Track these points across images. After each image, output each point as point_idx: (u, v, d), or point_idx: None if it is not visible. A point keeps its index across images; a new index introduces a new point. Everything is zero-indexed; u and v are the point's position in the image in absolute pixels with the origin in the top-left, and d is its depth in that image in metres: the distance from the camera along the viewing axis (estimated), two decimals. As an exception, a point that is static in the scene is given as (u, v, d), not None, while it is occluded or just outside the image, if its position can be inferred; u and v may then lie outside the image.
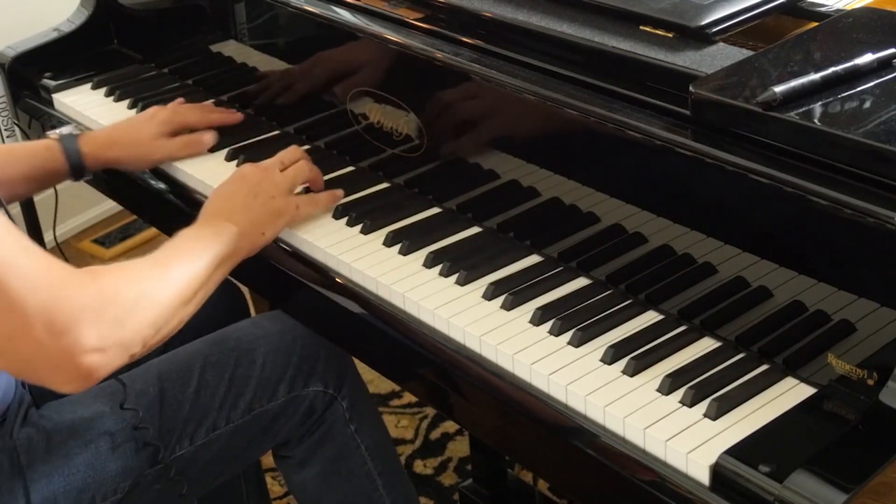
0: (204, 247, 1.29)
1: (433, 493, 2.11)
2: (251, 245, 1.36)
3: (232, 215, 1.35)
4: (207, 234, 1.31)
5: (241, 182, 1.41)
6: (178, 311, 1.21)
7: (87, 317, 1.08)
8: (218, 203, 1.39)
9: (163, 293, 1.19)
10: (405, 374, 1.39)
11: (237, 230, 1.33)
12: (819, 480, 0.95)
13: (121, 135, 1.62)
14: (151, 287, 1.18)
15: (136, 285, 1.16)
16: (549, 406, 1.14)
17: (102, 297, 1.11)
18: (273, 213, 1.39)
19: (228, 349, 1.43)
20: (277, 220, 1.40)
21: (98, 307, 1.10)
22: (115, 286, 1.14)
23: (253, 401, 1.42)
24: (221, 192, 1.41)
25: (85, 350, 1.08)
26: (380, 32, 1.48)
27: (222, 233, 1.32)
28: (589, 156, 1.29)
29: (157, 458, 1.35)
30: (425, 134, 1.45)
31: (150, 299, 1.17)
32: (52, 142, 1.58)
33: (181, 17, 1.89)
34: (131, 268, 1.20)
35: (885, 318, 1.04)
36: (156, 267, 1.22)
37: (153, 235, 2.99)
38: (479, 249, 1.36)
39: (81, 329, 1.07)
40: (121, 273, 1.17)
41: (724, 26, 1.27)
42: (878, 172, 1.03)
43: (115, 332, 1.11)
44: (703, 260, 1.20)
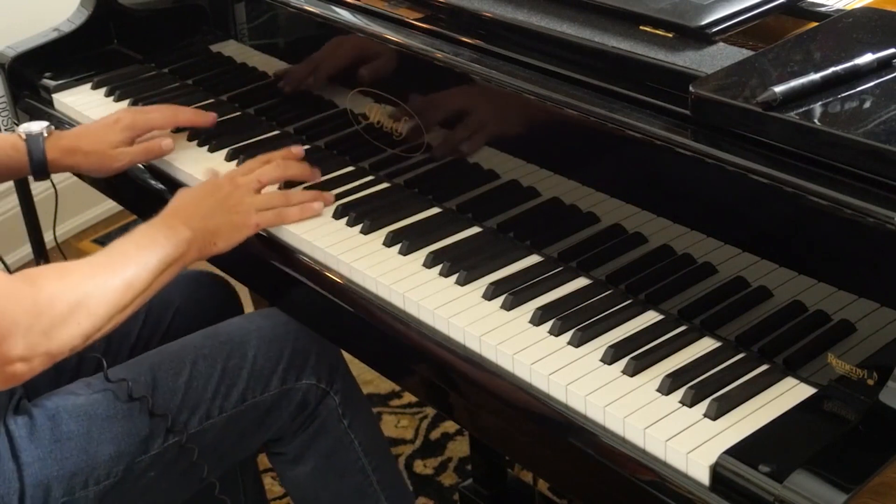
0: (153, 250, 1.30)
1: (433, 493, 2.11)
2: (200, 253, 1.38)
3: (190, 219, 1.37)
4: (160, 236, 1.33)
5: (211, 190, 1.43)
6: (112, 318, 1.24)
7: (18, 330, 1.12)
8: (181, 204, 1.41)
9: (100, 303, 1.21)
10: (405, 373, 1.39)
11: (189, 235, 1.34)
12: (819, 480, 0.95)
13: (83, 143, 1.62)
14: (90, 296, 1.20)
15: (73, 294, 1.18)
16: (549, 406, 1.14)
17: (36, 308, 1.14)
18: (231, 227, 1.40)
19: (220, 342, 1.45)
20: (234, 233, 1.41)
21: (29, 320, 1.13)
22: (51, 296, 1.16)
23: (245, 391, 1.43)
24: (188, 195, 1.43)
25: (10, 360, 1.13)
26: (380, 32, 1.48)
27: (174, 236, 1.33)
28: (589, 156, 1.29)
29: (151, 445, 1.36)
30: (425, 134, 1.45)
31: (86, 310, 1.19)
32: (18, 140, 1.58)
33: (181, 17, 1.89)
34: (72, 273, 1.21)
35: (885, 318, 1.04)
36: (98, 273, 1.24)
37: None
38: (479, 249, 1.36)
39: (10, 341, 1.12)
40: (60, 280, 1.19)
41: (724, 26, 1.27)
42: (878, 172, 1.03)
43: (43, 344, 1.15)
44: (703, 260, 1.20)
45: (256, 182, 1.45)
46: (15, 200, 2.17)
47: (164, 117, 1.65)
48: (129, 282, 1.26)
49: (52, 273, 1.20)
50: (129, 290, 1.25)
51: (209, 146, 1.66)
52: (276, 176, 1.48)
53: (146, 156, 1.63)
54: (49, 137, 1.60)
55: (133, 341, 1.59)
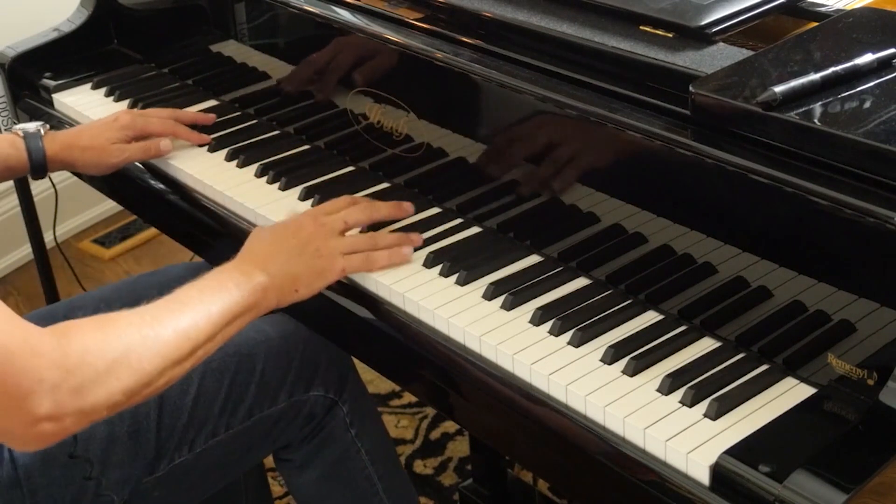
0: (219, 297, 1.20)
1: (433, 493, 2.11)
2: (280, 300, 1.28)
3: (268, 264, 1.27)
4: (229, 282, 1.22)
5: (294, 231, 1.32)
6: (164, 372, 1.13)
7: (43, 387, 1.03)
8: (260, 245, 1.31)
9: (146, 356, 1.10)
10: (405, 374, 1.39)
11: (266, 281, 1.25)
12: (819, 480, 0.95)
13: (81, 138, 1.62)
14: (132, 350, 1.09)
15: (113, 348, 1.08)
16: (548, 406, 1.14)
17: (66, 364, 1.04)
18: (314, 272, 1.30)
19: (228, 354, 1.40)
20: (316, 280, 1.30)
21: (57, 376, 1.03)
22: (85, 351, 1.06)
23: (253, 407, 1.41)
24: (268, 235, 1.33)
25: (37, 420, 1.03)
26: (380, 32, 1.48)
27: (247, 282, 1.23)
28: (589, 156, 1.29)
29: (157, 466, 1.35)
30: (425, 134, 1.45)
31: (128, 364, 1.09)
32: (16, 138, 1.58)
33: (181, 17, 1.89)
34: (114, 323, 1.11)
35: (885, 318, 1.04)
36: (146, 322, 1.13)
37: (153, 235, 2.99)
38: (479, 249, 1.36)
39: (35, 399, 1.02)
40: (98, 332, 1.09)
41: (724, 26, 1.27)
42: (878, 172, 1.03)
43: (73, 402, 1.05)
44: (703, 260, 1.20)
45: (342, 223, 1.35)
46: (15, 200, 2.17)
47: (163, 126, 1.64)
48: (184, 332, 1.14)
49: (90, 325, 1.10)
50: (183, 341, 1.14)
51: (209, 146, 1.66)
52: (363, 218, 1.38)
53: (144, 154, 1.62)
54: (46, 135, 1.60)
55: None
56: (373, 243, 1.35)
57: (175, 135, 1.64)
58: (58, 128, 1.83)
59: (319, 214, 1.36)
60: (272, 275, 1.26)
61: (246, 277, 1.24)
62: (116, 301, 1.54)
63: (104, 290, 1.59)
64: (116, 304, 1.52)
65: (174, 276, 1.59)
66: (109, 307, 1.51)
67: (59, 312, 1.52)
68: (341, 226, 1.35)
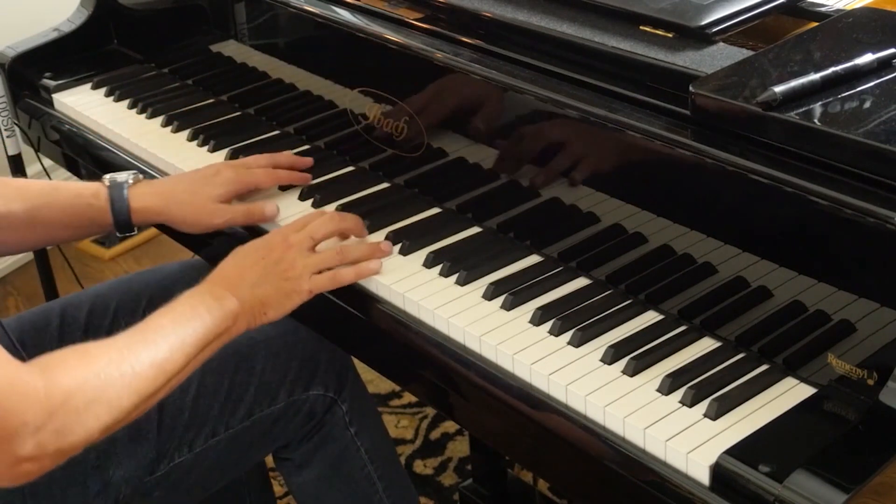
0: (192, 325, 1.19)
1: (433, 493, 2.11)
2: (249, 323, 1.27)
3: (238, 288, 1.25)
4: (201, 308, 1.21)
5: (262, 251, 1.30)
6: (139, 406, 1.13)
7: (27, 430, 1.03)
8: (230, 268, 1.29)
9: (124, 393, 1.10)
10: (405, 374, 1.39)
11: (236, 307, 1.24)
12: (819, 480, 0.95)
13: (177, 193, 1.46)
14: (111, 386, 1.09)
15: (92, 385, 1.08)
16: (548, 406, 1.14)
17: (49, 405, 1.04)
18: (282, 294, 1.28)
19: (228, 354, 1.38)
20: (285, 302, 1.29)
21: (40, 419, 1.03)
22: (67, 390, 1.06)
23: (253, 406, 1.41)
24: (238, 257, 1.30)
25: (18, 460, 1.04)
26: (380, 32, 1.48)
27: (219, 307, 1.22)
28: (589, 156, 1.29)
29: (158, 466, 1.35)
30: (425, 134, 1.45)
31: (107, 403, 1.09)
32: (100, 188, 1.43)
33: (181, 17, 1.89)
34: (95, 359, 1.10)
35: (885, 318, 1.04)
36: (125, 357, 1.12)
37: (153, 235, 2.99)
38: (479, 249, 1.36)
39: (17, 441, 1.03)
40: (78, 368, 1.08)
41: (724, 26, 1.28)
42: (878, 172, 1.03)
43: (54, 443, 1.05)
44: (703, 260, 1.20)
45: (309, 239, 1.31)
46: (15, 200, 2.16)
47: (267, 178, 1.50)
48: (160, 365, 1.14)
49: (71, 361, 1.09)
50: (159, 374, 1.14)
51: (209, 146, 1.66)
52: (329, 230, 1.34)
53: (247, 220, 1.47)
54: (134, 186, 1.44)
55: None
56: (342, 258, 1.32)
57: (281, 182, 1.52)
58: (59, 129, 1.83)
59: (289, 233, 1.33)
60: (242, 299, 1.25)
61: (218, 303, 1.23)
62: (112, 298, 1.54)
63: (99, 288, 1.58)
64: (112, 302, 1.53)
65: (170, 273, 1.59)
66: (105, 304, 1.52)
67: (55, 310, 1.51)
68: (309, 242, 1.31)
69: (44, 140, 1.89)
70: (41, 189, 1.44)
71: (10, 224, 1.41)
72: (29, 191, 1.43)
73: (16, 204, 1.41)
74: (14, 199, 1.41)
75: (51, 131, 1.86)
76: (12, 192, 1.42)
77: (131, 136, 1.72)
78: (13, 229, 1.42)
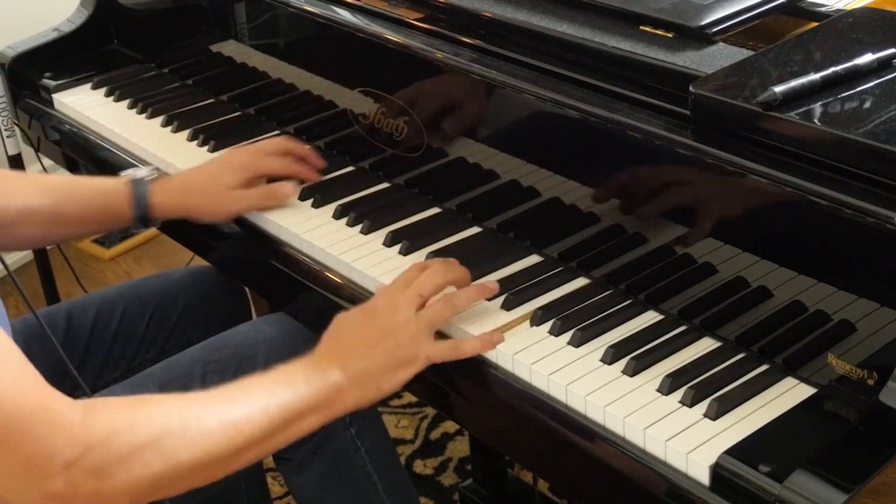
0: (285, 391, 1.10)
1: (433, 493, 2.11)
2: (361, 399, 1.16)
3: (346, 359, 1.16)
4: (299, 376, 1.13)
5: (367, 320, 1.20)
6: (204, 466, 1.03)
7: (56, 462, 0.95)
8: (335, 338, 1.20)
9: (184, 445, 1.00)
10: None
11: (342, 379, 1.14)
12: (819, 480, 0.95)
13: (194, 184, 1.48)
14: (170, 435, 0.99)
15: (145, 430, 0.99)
16: (548, 406, 1.14)
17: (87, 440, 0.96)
18: (395, 364, 1.18)
19: (229, 355, 1.40)
20: (399, 372, 1.18)
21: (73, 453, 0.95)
22: (112, 428, 0.98)
23: None
24: (343, 326, 1.21)
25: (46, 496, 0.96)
26: (380, 32, 1.48)
27: (320, 378, 1.14)
28: (589, 156, 1.29)
29: None
30: (425, 134, 1.45)
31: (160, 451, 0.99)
32: (121, 184, 1.45)
33: (181, 17, 1.89)
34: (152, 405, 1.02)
35: (885, 318, 1.04)
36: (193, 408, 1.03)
37: (153, 235, 2.99)
38: (479, 249, 1.36)
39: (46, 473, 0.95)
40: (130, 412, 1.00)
41: (724, 26, 1.28)
42: (878, 172, 1.03)
43: (88, 483, 0.96)
44: (703, 260, 1.20)
45: (418, 297, 1.21)
46: (15, 200, 2.16)
47: (280, 166, 1.50)
48: (234, 425, 1.04)
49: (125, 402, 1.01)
50: (232, 434, 1.04)
51: (209, 146, 1.66)
52: (437, 284, 1.23)
53: (266, 201, 1.47)
54: (154, 182, 1.46)
55: (139, 338, 1.57)
56: (452, 308, 1.22)
57: (293, 174, 1.51)
58: (59, 129, 1.83)
59: (395, 293, 1.22)
60: (349, 372, 1.15)
61: (319, 374, 1.14)
62: (119, 303, 1.54)
63: (105, 292, 1.59)
64: (118, 306, 1.53)
65: (178, 280, 1.60)
66: (111, 308, 1.52)
67: (61, 313, 1.52)
68: (418, 301, 1.21)
69: (44, 140, 1.89)
70: (62, 184, 1.46)
71: (31, 219, 1.42)
72: (50, 186, 1.45)
73: (38, 199, 1.42)
74: (36, 195, 1.43)
75: (51, 131, 1.86)
76: (34, 187, 1.44)
77: (131, 136, 1.72)
78: (36, 224, 1.43)
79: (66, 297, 1.95)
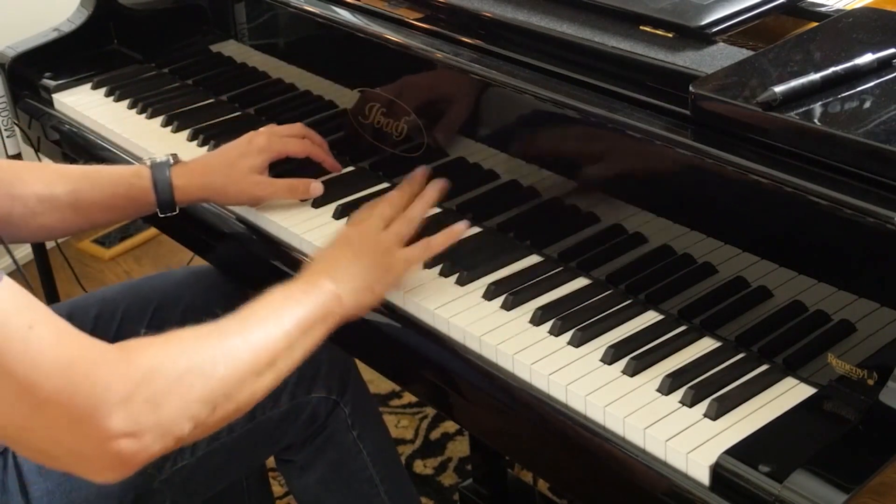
0: (290, 307, 1.15)
1: (433, 493, 2.11)
2: (357, 302, 1.23)
3: (334, 272, 1.22)
4: (297, 293, 1.18)
5: (344, 247, 1.28)
6: (245, 382, 1.07)
7: (112, 399, 0.95)
8: (318, 263, 1.26)
9: (220, 365, 1.04)
10: (405, 374, 1.39)
11: (335, 287, 1.20)
12: (819, 480, 0.95)
13: (216, 166, 1.47)
14: (203, 359, 1.03)
15: (182, 359, 1.02)
16: (548, 406, 1.14)
17: (134, 376, 0.97)
18: (381, 269, 1.26)
19: None
20: (386, 275, 1.27)
21: (127, 388, 0.96)
22: (153, 363, 1.00)
23: (255, 409, 1.40)
24: (323, 254, 1.29)
25: (111, 436, 0.95)
26: (380, 32, 1.48)
27: (317, 291, 1.19)
28: (589, 156, 1.29)
29: (161, 470, 1.35)
30: (425, 134, 1.45)
31: (201, 373, 1.02)
32: (142, 168, 1.44)
33: (181, 17, 1.89)
34: (180, 338, 1.05)
35: (885, 318, 1.04)
36: (213, 335, 1.07)
37: (153, 235, 2.99)
38: (479, 249, 1.36)
39: (104, 413, 0.94)
40: (165, 346, 1.03)
41: (724, 26, 1.28)
42: (878, 172, 1.03)
43: (149, 415, 0.97)
44: (703, 260, 1.20)
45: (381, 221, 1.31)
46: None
47: (300, 147, 1.51)
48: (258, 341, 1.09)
49: (154, 340, 1.03)
50: (258, 349, 1.09)
51: (209, 146, 1.66)
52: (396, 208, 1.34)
53: (291, 194, 1.47)
54: (176, 165, 1.45)
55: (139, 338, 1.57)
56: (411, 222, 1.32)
57: (312, 155, 1.52)
58: (59, 129, 1.83)
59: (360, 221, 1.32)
60: (340, 280, 1.21)
61: (313, 286, 1.19)
62: (120, 303, 1.54)
63: (106, 291, 1.58)
64: (119, 306, 1.53)
65: (179, 279, 1.59)
66: (112, 308, 1.52)
67: (61, 313, 1.51)
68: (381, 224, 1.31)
69: (44, 140, 1.89)
70: (82, 172, 1.45)
71: (53, 207, 1.41)
72: (70, 174, 1.44)
73: (58, 187, 1.41)
74: (56, 183, 1.41)
75: (51, 131, 1.86)
76: (54, 175, 1.43)
77: (131, 136, 1.72)
78: (57, 212, 1.42)
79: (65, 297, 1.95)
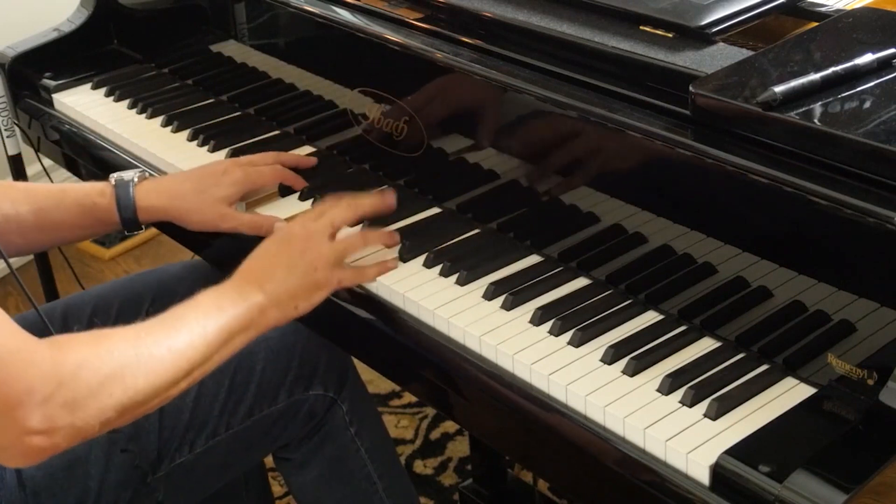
0: (216, 316, 1.18)
1: (433, 493, 2.11)
2: (280, 317, 1.25)
3: (264, 282, 1.24)
4: (224, 301, 1.20)
5: (284, 246, 1.29)
6: (158, 391, 1.12)
7: (32, 399, 1.01)
8: (253, 265, 1.27)
9: (140, 373, 1.09)
10: (405, 374, 1.39)
11: (262, 300, 1.22)
12: (819, 480, 0.95)
13: (184, 190, 1.45)
14: (126, 366, 1.08)
15: (106, 363, 1.07)
16: (548, 406, 1.14)
17: (57, 377, 1.03)
18: (311, 286, 1.27)
19: None
20: (314, 294, 1.28)
21: (47, 389, 1.02)
22: (79, 364, 1.05)
23: (253, 406, 1.41)
24: (260, 253, 1.29)
25: (28, 432, 1.02)
26: (380, 32, 1.48)
27: (242, 300, 1.21)
28: (589, 156, 1.29)
29: (159, 467, 1.35)
30: (425, 134, 1.45)
31: (121, 381, 1.07)
32: (106, 186, 1.43)
33: (181, 17, 1.89)
34: (109, 340, 1.10)
35: (885, 318, 1.04)
36: (142, 340, 1.11)
37: (153, 235, 2.99)
38: (479, 249, 1.36)
39: (22, 410, 1.01)
40: (93, 347, 1.08)
41: (724, 26, 1.28)
42: (878, 172, 1.03)
43: (64, 417, 1.03)
44: (703, 260, 1.20)
45: (330, 227, 1.31)
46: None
47: (273, 175, 1.50)
48: (180, 351, 1.13)
49: (86, 339, 1.09)
50: (178, 360, 1.13)
51: (209, 146, 1.66)
52: (348, 216, 1.35)
53: (252, 230, 1.43)
54: (141, 183, 1.44)
55: None
56: (364, 242, 1.35)
57: (283, 180, 1.52)
58: (59, 129, 1.83)
59: (307, 222, 1.32)
60: (269, 293, 1.23)
61: (242, 296, 1.22)
62: (115, 299, 1.54)
63: (101, 288, 1.58)
64: (114, 303, 1.53)
65: (172, 274, 1.59)
66: (107, 305, 1.52)
67: (57, 311, 1.52)
68: (329, 230, 1.31)
69: (44, 140, 1.89)
70: (48, 191, 1.45)
71: (18, 227, 1.42)
72: (36, 193, 1.44)
73: (23, 206, 1.42)
74: (22, 202, 1.42)
75: (51, 131, 1.86)
76: (20, 194, 1.43)
77: (131, 136, 1.72)
78: (22, 232, 1.42)
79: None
